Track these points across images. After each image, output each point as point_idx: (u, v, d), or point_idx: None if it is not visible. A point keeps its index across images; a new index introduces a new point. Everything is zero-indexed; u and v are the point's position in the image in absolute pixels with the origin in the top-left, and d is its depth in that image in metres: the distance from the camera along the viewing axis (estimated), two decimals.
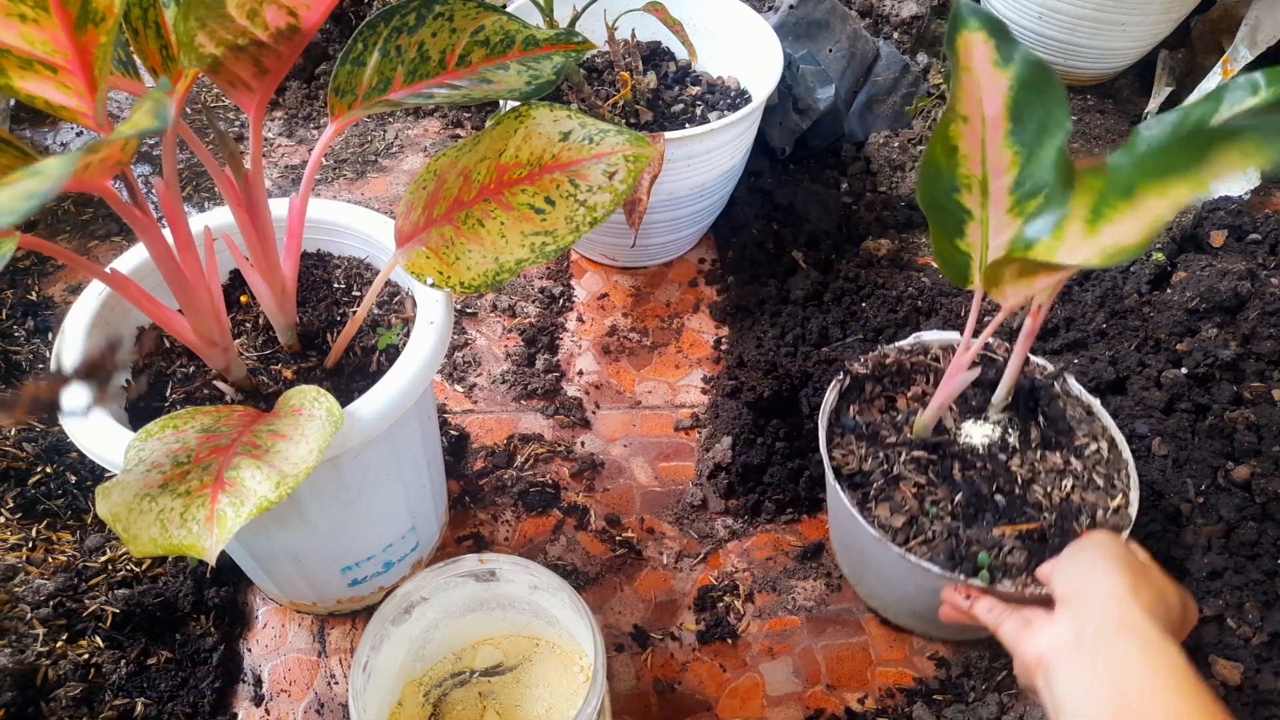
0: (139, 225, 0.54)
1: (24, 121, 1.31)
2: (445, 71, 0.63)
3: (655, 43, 1.17)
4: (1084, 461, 0.76)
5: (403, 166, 1.30)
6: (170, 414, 0.56)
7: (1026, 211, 0.61)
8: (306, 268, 0.77)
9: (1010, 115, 0.61)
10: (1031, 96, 0.60)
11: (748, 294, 1.10)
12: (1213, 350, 0.96)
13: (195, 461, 0.52)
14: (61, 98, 0.49)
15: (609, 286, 1.15)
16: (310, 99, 1.39)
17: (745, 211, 1.18)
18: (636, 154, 0.62)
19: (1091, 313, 1.04)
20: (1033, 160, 0.61)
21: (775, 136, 1.23)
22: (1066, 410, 0.79)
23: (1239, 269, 1.04)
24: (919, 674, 0.80)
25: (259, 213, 0.62)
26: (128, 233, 1.17)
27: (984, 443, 0.76)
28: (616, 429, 0.99)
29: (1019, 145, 0.61)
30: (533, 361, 1.05)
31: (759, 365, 1.00)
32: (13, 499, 0.85)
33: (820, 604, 0.85)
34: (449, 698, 0.71)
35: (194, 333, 0.61)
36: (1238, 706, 0.74)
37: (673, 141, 0.93)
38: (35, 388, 0.39)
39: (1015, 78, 0.60)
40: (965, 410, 0.79)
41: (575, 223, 0.62)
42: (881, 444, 0.77)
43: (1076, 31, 1.36)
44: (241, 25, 0.51)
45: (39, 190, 0.32)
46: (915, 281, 1.10)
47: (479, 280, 0.63)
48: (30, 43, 0.46)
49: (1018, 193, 0.62)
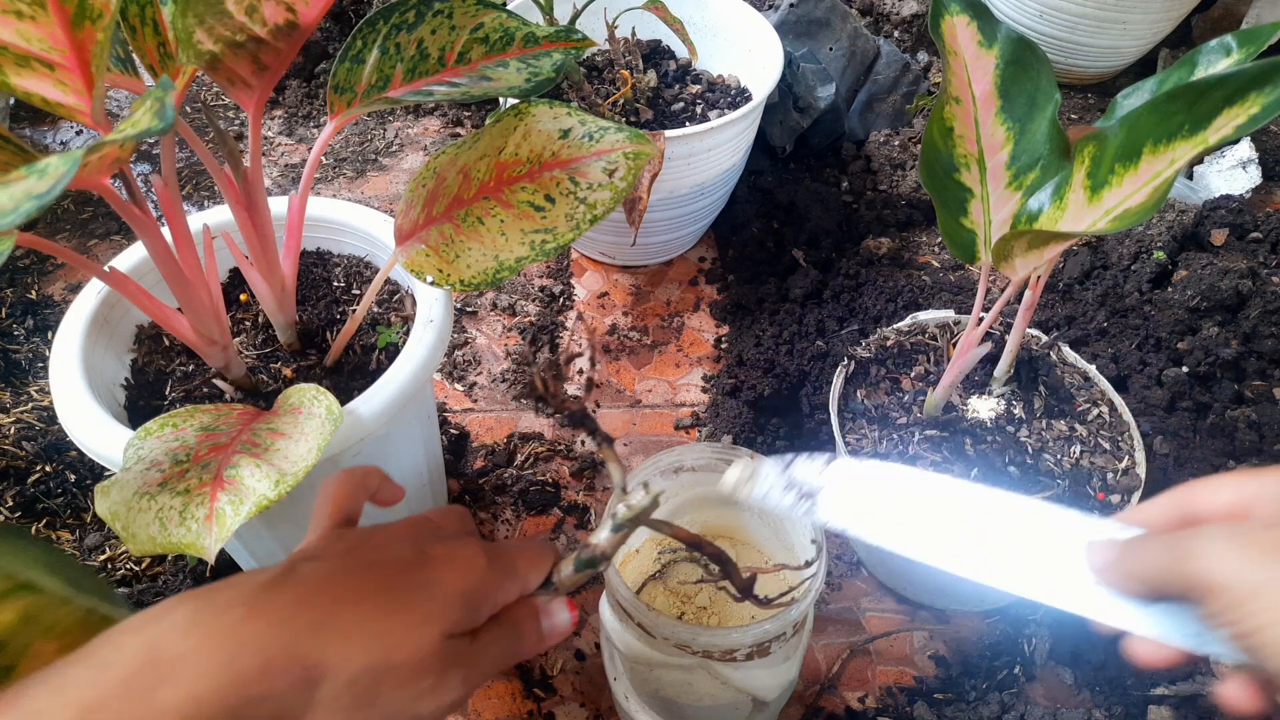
0: (138, 223, 0.54)
1: (23, 120, 1.31)
2: (445, 69, 0.62)
3: (655, 41, 1.17)
4: (1088, 426, 0.77)
5: (402, 165, 1.30)
6: (169, 412, 0.55)
7: (1025, 184, 0.63)
8: (306, 266, 0.76)
9: (1000, 93, 0.62)
10: (1018, 73, 0.62)
11: (748, 293, 1.10)
12: (1214, 349, 0.96)
13: (194, 460, 0.52)
14: (59, 95, 0.48)
15: (609, 285, 1.15)
16: (310, 98, 1.39)
17: (745, 210, 1.18)
18: (637, 151, 0.62)
19: (1093, 311, 1.04)
20: (1026, 134, 0.62)
21: (776, 135, 1.22)
22: (1065, 378, 0.81)
23: (1240, 267, 1.04)
24: (919, 673, 0.80)
25: (258, 211, 0.61)
26: (127, 231, 1.17)
27: (991, 416, 0.77)
28: (617, 428, 0.99)
29: (1011, 121, 0.63)
30: (533, 360, 1.05)
31: (759, 364, 1.00)
32: (12, 497, 0.85)
33: (820, 603, 0.85)
34: (677, 565, 0.71)
35: (193, 331, 0.61)
36: None
37: (673, 140, 0.92)
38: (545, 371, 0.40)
39: (1001, 56, 0.62)
40: (969, 386, 0.80)
41: (575, 220, 0.62)
42: (893, 426, 0.78)
43: (1078, 30, 1.36)
44: (240, 21, 0.51)
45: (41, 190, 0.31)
46: (916, 280, 1.10)
47: (479, 278, 0.63)
48: (27, 39, 0.46)
49: (1014, 167, 0.63)
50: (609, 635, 0.64)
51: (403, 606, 0.35)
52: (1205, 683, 0.76)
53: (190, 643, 0.31)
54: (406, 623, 0.34)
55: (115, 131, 0.38)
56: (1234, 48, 0.60)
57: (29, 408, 0.94)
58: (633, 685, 0.68)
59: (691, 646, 0.55)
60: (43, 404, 0.95)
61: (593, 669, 0.80)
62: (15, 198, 0.31)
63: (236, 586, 0.34)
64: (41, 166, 0.33)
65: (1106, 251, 1.11)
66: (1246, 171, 1.23)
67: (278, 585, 0.34)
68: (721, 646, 0.55)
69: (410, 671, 0.34)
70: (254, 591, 0.34)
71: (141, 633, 0.31)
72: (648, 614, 0.55)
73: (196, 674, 0.30)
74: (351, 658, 0.33)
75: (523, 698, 0.77)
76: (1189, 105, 0.49)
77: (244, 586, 0.34)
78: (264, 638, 0.32)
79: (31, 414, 0.93)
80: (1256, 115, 0.47)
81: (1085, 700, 0.78)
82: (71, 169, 0.32)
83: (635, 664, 0.64)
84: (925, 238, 1.20)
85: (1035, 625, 0.82)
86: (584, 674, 0.80)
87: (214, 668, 0.30)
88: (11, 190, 0.32)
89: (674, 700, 0.65)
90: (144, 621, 0.32)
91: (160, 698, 0.29)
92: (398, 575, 0.36)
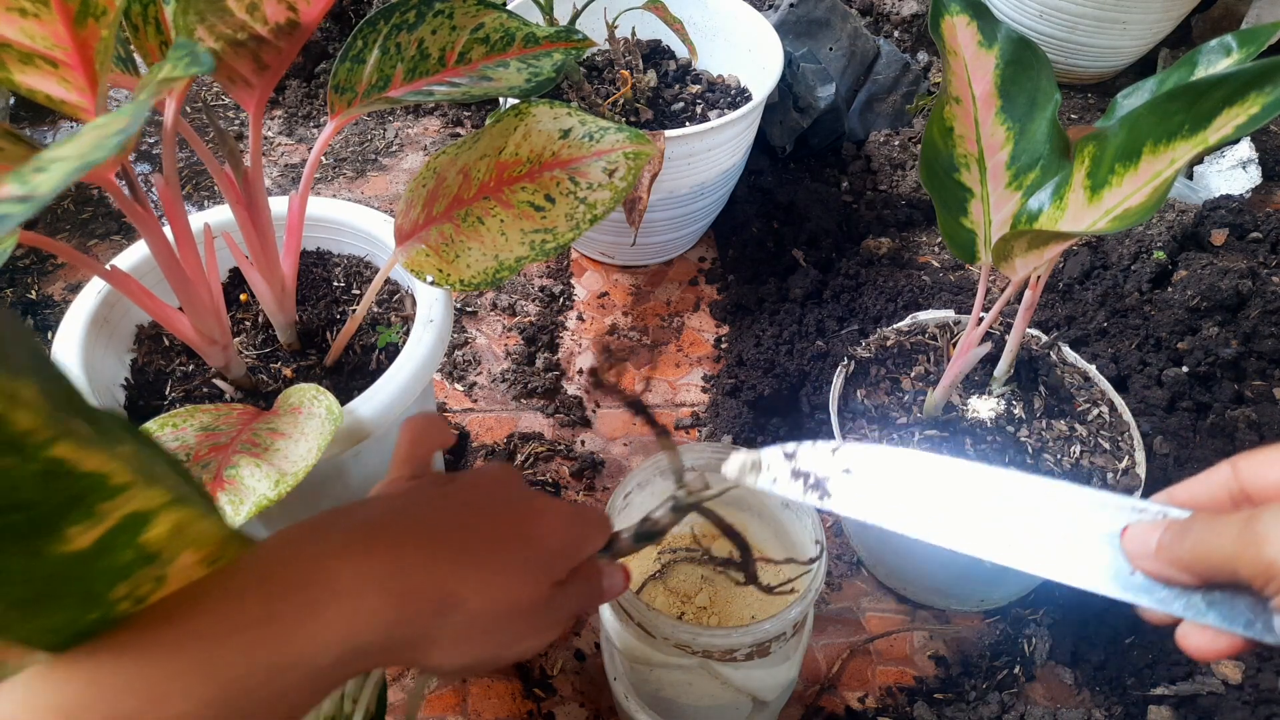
0: (140, 222, 0.54)
1: (24, 120, 1.31)
2: (445, 69, 0.63)
3: (655, 41, 1.17)
4: (1088, 426, 0.77)
5: (402, 165, 1.30)
6: (170, 412, 0.56)
7: (1025, 184, 0.63)
8: (306, 266, 0.76)
9: (1000, 93, 0.62)
10: (1018, 73, 0.62)
11: (748, 293, 1.10)
12: (1214, 349, 0.96)
13: (194, 460, 0.52)
14: (62, 92, 0.48)
15: (609, 285, 1.15)
16: (310, 98, 1.39)
17: (745, 210, 1.18)
18: (637, 151, 0.62)
19: (1093, 311, 1.04)
20: (1025, 134, 0.62)
21: (776, 135, 1.22)
22: (1065, 378, 0.81)
23: (1240, 267, 1.04)
24: (919, 673, 0.80)
25: (259, 211, 0.61)
26: (127, 231, 1.17)
27: (991, 416, 0.77)
28: (617, 428, 0.99)
29: (1011, 121, 0.63)
30: (533, 360, 1.05)
31: (759, 364, 1.00)
32: None
33: (820, 603, 0.85)
34: (678, 566, 0.71)
35: (194, 330, 0.61)
36: (1238, 705, 0.74)
37: (673, 139, 0.92)
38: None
39: (1001, 56, 0.62)
40: (969, 386, 0.80)
41: (575, 220, 0.62)
42: (894, 425, 0.78)
43: (1077, 30, 1.36)
44: (241, 20, 0.51)
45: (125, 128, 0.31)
46: (916, 280, 1.10)
47: (479, 278, 0.63)
48: (31, 37, 0.46)
49: (1014, 167, 0.63)
50: (609, 635, 0.64)
51: (524, 556, 0.38)
52: (1205, 683, 0.76)
53: (347, 565, 0.32)
54: (526, 569, 0.38)
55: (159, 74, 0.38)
56: (1234, 48, 0.60)
57: None
58: (633, 685, 0.68)
59: (691, 646, 0.55)
60: None
61: (593, 669, 0.80)
62: (96, 139, 0.31)
63: (377, 512, 0.36)
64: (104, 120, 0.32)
65: (1106, 251, 1.11)
66: (1246, 171, 1.23)
67: (415, 517, 0.37)
68: (721, 646, 0.55)
69: (523, 612, 0.37)
70: (398, 520, 0.36)
71: (305, 552, 0.33)
72: (648, 614, 0.55)
73: (358, 595, 0.32)
74: (481, 594, 0.35)
75: (523, 698, 0.77)
76: (1189, 105, 0.49)
77: (387, 513, 0.36)
78: (413, 567, 0.34)
79: None
80: (1256, 115, 0.46)
81: (1085, 700, 0.78)
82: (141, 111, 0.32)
83: (635, 664, 0.64)
84: (925, 238, 1.20)
85: (1035, 625, 0.82)
86: (584, 674, 0.80)
87: (373, 591, 0.32)
88: (86, 137, 0.31)
89: (674, 700, 0.65)
90: (303, 539, 0.33)
91: (327, 618, 0.31)
92: (515, 525, 0.39)
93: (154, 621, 0.29)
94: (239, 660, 0.29)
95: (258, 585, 0.31)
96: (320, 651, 0.31)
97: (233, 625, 0.29)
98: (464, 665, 0.36)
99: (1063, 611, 0.82)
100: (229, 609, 0.30)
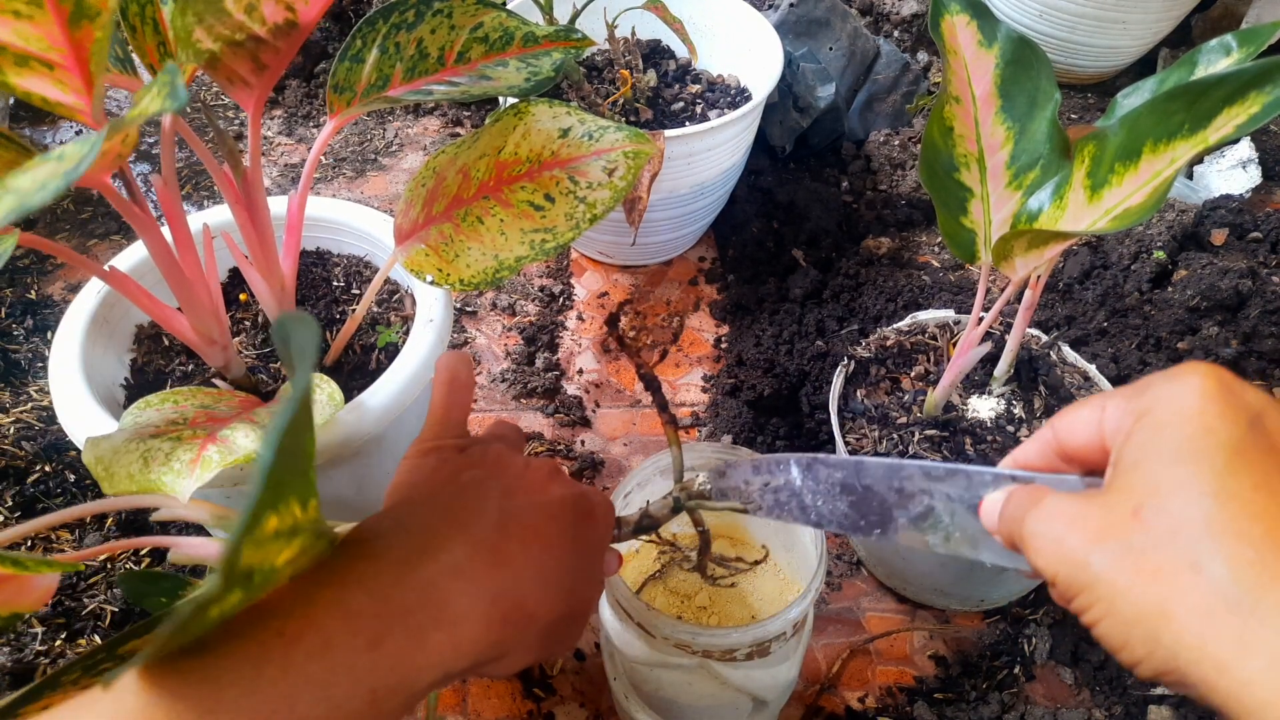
0: (138, 223, 0.54)
1: (23, 120, 1.31)
2: (444, 68, 0.62)
3: (655, 40, 1.17)
4: None
5: (402, 165, 1.30)
6: (172, 389, 0.56)
7: (1025, 184, 0.63)
8: (306, 266, 0.76)
9: (1000, 92, 0.62)
10: (1018, 73, 0.61)
11: (748, 292, 1.10)
12: (1214, 349, 0.96)
13: (190, 424, 0.52)
14: (58, 94, 0.48)
15: (609, 285, 1.15)
16: (309, 97, 1.39)
17: (745, 210, 1.18)
18: (636, 150, 0.62)
19: (1092, 311, 1.04)
20: (1025, 134, 0.62)
21: (775, 135, 1.22)
22: (1065, 378, 0.80)
23: (1240, 267, 1.04)
24: (919, 673, 0.80)
25: (258, 211, 0.61)
26: (126, 231, 1.17)
27: (991, 416, 0.77)
28: (617, 428, 0.99)
29: (1011, 120, 0.63)
30: (532, 360, 1.04)
31: (759, 364, 1.00)
32: (11, 497, 0.85)
33: (820, 603, 0.85)
34: (677, 566, 0.71)
35: (193, 330, 0.61)
36: None
37: (673, 139, 0.92)
38: None
39: (1001, 56, 0.62)
40: (969, 386, 0.79)
41: (575, 219, 0.62)
42: (893, 425, 0.78)
43: (1077, 30, 1.36)
44: (239, 20, 0.51)
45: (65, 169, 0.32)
46: (916, 279, 1.10)
47: (478, 278, 0.63)
48: (25, 39, 0.46)
49: (1014, 166, 0.63)
50: (609, 635, 0.64)
51: (585, 565, 0.40)
52: None
53: (458, 586, 0.33)
54: (588, 580, 0.40)
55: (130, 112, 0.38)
56: (1234, 47, 0.60)
57: (29, 408, 0.94)
58: (633, 685, 0.68)
59: (691, 646, 0.55)
60: (42, 404, 0.95)
61: (593, 669, 0.80)
62: (38, 179, 0.32)
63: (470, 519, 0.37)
64: (59, 153, 0.33)
65: (1106, 251, 1.11)
66: (1246, 171, 1.23)
67: (503, 530, 0.37)
68: (721, 646, 0.55)
69: (578, 617, 0.40)
70: (489, 535, 0.36)
71: (420, 571, 0.33)
72: (648, 614, 0.55)
73: (461, 621, 0.33)
74: (555, 607, 0.37)
75: (522, 698, 0.77)
76: (1189, 105, 0.49)
77: (479, 525, 0.36)
78: (505, 587, 0.35)
79: (31, 414, 0.93)
80: (1257, 115, 0.46)
81: (1085, 700, 0.78)
82: (92, 153, 0.32)
83: (635, 664, 0.64)
84: (925, 237, 1.20)
85: (1035, 625, 0.82)
86: (584, 674, 0.80)
87: (473, 616, 0.33)
88: (34, 173, 0.32)
89: (674, 700, 0.65)
90: (412, 556, 0.34)
91: (433, 641, 0.32)
92: (574, 528, 0.40)
93: (268, 637, 0.29)
94: (346, 681, 0.29)
95: (371, 605, 0.31)
96: (421, 678, 0.31)
97: (347, 648, 0.30)
98: (518, 669, 0.38)
99: (1063, 611, 0.82)
100: (343, 631, 0.30)
